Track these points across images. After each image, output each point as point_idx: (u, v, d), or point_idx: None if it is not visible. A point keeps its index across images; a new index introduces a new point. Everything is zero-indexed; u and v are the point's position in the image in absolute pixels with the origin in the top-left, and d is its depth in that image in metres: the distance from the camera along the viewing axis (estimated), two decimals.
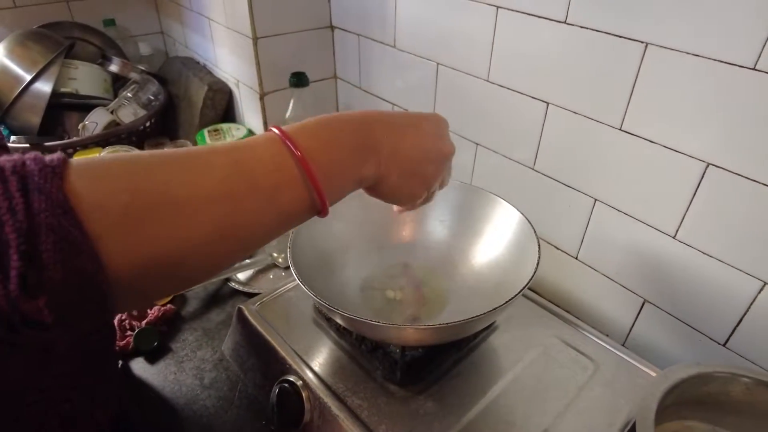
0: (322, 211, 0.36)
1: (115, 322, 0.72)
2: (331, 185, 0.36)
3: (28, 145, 0.93)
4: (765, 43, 0.45)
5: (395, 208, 0.53)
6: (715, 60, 0.48)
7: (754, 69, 0.46)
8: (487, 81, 0.72)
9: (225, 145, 0.33)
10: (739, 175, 0.50)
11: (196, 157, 0.31)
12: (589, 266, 0.70)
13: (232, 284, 0.80)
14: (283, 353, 0.57)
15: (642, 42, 0.53)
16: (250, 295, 0.75)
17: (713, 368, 0.42)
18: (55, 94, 0.99)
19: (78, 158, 0.28)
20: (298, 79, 0.91)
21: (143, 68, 1.18)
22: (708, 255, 0.56)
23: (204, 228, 0.30)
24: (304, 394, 0.53)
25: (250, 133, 1.04)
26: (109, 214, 0.26)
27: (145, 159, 0.30)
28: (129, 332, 0.71)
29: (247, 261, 0.85)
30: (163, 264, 0.29)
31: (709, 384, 0.42)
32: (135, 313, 0.73)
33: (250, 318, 0.62)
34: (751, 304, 0.54)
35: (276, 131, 0.34)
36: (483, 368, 0.57)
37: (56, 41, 1.03)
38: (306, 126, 0.36)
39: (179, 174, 0.30)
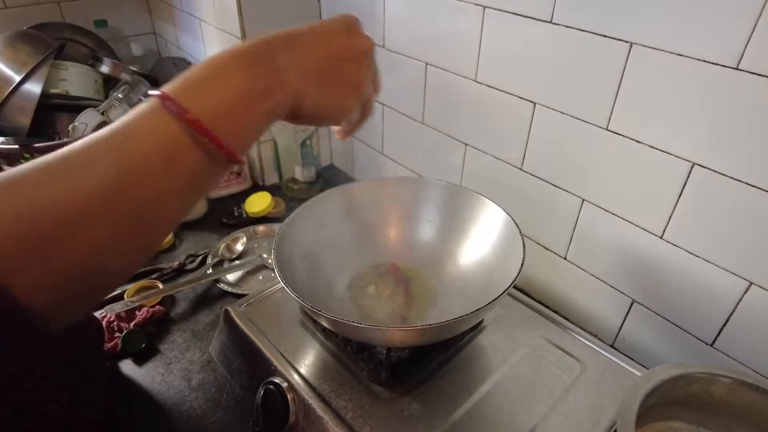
0: (231, 160, 0.33)
1: (104, 323, 0.72)
2: (232, 130, 0.33)
3: (17, 146, 0.92)
4: (747, 44, 0.45)
5: (336, 131, 0.49)
6: (699, 60, 0.48)
7: (737, 69, 0.46)
8: (475, 81, 0.72)
9: (104, 132, 0.30)
10: (724, 175, 0.50)
11: (76, 157, 0.29)
12: (578, 266, 0.70)
13: (222, 285, 0.80)
14: (268, 355, 0.57)
15: (627, 42, 0.53)
16: (239, 297, 0.75)
17: (695, 369, 0.42)
18: (45, 95, 0.98)
19: None
20: None
21: (135, 69, 1.18)
22: (695, 255, 0.56)
23: (107, 229, 0.29)
24: (289, 396, 0.53)
25: None
26: (6, 255, 0.26)
27: (25, 176, 0.28)
28: (117, 334, 0.71)
29: (237, 262, 0.85)
30: (79, 275, 0.28)
31: (691, 385, 0.42)
32: (123, 314, 0.73)
33: (236, 319, 0.62)
34: (738, 303, 0.54)
35: (156, 92, 0.31)
36: (469, 369, 0.56)
37: (46, 42, 1.03)
38: (189, 76, 0.33)
39: (62, 184, 0.28)
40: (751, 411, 0.42)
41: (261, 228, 0.93)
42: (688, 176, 0.53)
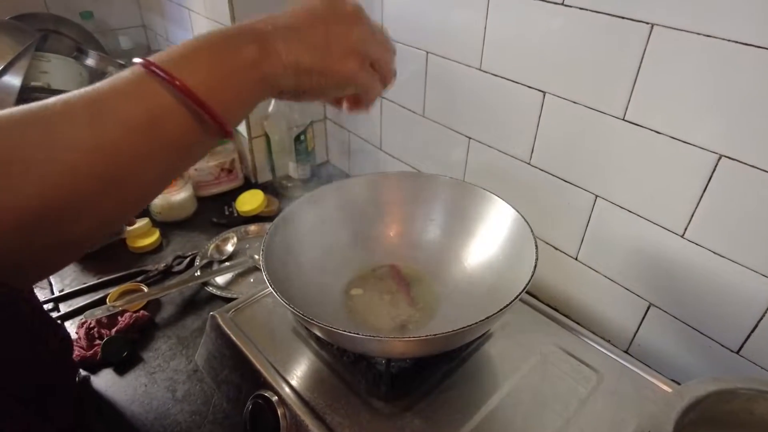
0: (220, 129, 0.33)
1: (82, 331, 0.67)
2: (221, 98, 0.32)
3: None
4: None
5: (346, 105, 0.47)
6: (728, 40, 0.44)
7: None
8: (480, 70, 0.67)
9: (85, 90, 0.30)
10: (755, 167, 0.46)
11: (52, 109, 0.29)
12: (590, 267, 0.65)
13: (210, 289, 0.75)
14: (258, 365, 0.53)
15: (647, 23, 0.49)
16: (229, 300, 0.70)
17: (734, 384, 0.37)
18: (25, 88, 0.94)
19: None
20: None
21: (122, 62, 1.13)
22: (720, 255, 0.52)
23: (83, 184, 0.29)
24: (279, 411, 0.48)
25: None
26: None
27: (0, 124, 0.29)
28: (98, 341, 0.66)
29: (226, 264, 0.80)
30: (48, 224, 0.29)
31: (731, 402, 0.38)
32: (104, 320, 0.68)
33: (223, 326, 0.58)
34: None
35: (139, 60, 0.31)
36: (476, 380, 0.52)
37: (27, 33, 0.98)
38: (173, 49, 0.32)
39: (39, 132, 0.28)
40: None
41: (252, 228, 0.88)
42: (714, 169, 0.49)
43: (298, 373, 0.52)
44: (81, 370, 0.64)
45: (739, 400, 0.37)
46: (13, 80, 0.92)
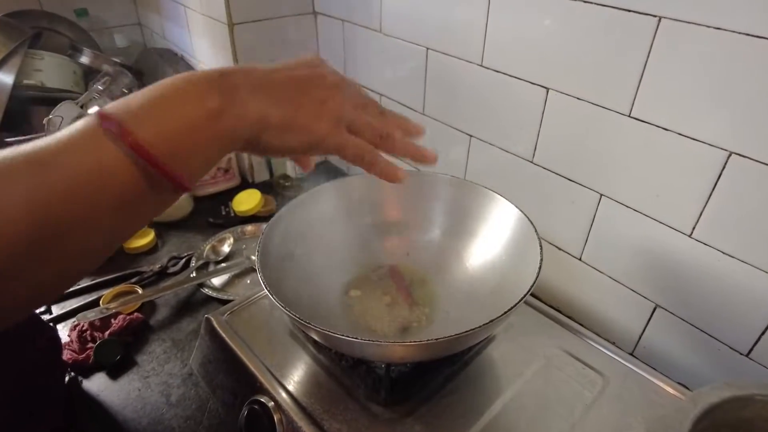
0: (177, 187, 0.30)
1: (75, 334, 0.65)
2: (178, 154, 0.29)
3: None
4: None
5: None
6: (740, 33, 0.42)
7: None
8: (481, 66, 0.66)
9: (29, 146, 0.27)
10: (766, 164, 0.44)
11: None
12: (594, 268, 0.64)
13: (206, 290, 0.73)
14: (253, 369, 0.51)
15: (654, 16, 0.47)
16: (225, 302, 0.69)
17: (750, 390, 0.36)
18: (19, 86, 0.92)
19: None
20: None
21: (117, 60, 1.11)
22: (728, 255, 0.50)
23: (12, 245, 0.25)
24: (275, 417, 0.47)
25: None
26: None
27: None
28: (90, 344, 0.65)
29: (223, 265, 0.79)
30: None
31: (745, 408, 0.36)
32: (97, 323, 0.67)
33: (218, 329, 0.56)
34: None
35: (94, 111, 0.29)
36: (479, 385, 0.50)
37: (20, 30, 0.96)
38: (133, 97, 0.30)
39: None
40: None
41: (249, 228, 0.87)
42: (724, 167, 0.47)
43: (295, 377, 0.51)
44: (71, 372, 0.62)
45: (755, 407, 0.36)
46: (6, 78, 0.90)
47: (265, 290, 0.44)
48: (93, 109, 0.97)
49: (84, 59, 1.05)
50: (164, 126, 0.29)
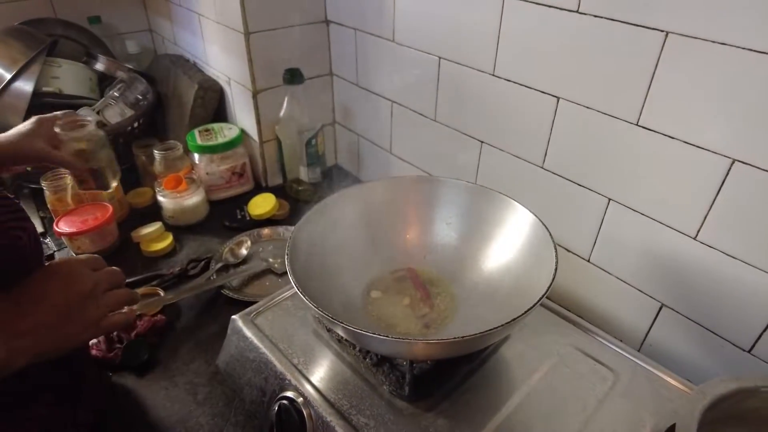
0: None
1: None
2: None
3: None
4: None
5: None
6: (742, 48, 0.45)
7: None
8: (493, 75, 0.68)
9: None
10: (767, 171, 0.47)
11: None
12: (603, 269, 0.66)
13: (226, 292, 0.76)
14: (281, 367, 0.54)
15: (662, 31, 0.50)
16: (245, 304, 0.71)
17: (755, 382, 0.39)
18: (37, 93, 0.94)
19: None
20: (292, 76, 0.87)
21: (131, 67, 1.14)
22: (731, 256, 0.53)
23: None
24: (305, 412, 0.49)
25: (243, 132, 1.00)
26: None
27: None
28: (118, 345, 0.67)
29: (242, 267, 0.81)
30: None
31: (749, 399, 0.39)
32: None
33: (244, 329, 0.59)
34: None
35: None
36: (496, 381, 0.53)
37: (38, 38, 0.98)
38: None
39: None
40: None
41: (265, 231, 0.89)
42: (728, 173, 0.50)
43: (322, 374, 0.53)
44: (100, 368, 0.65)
45: (760, 398, 0.39)
46: (26, 86, 0.93)
47: (297, 290, 0.46)
48: (109, 114, 0.99)
49: (99, 66, 1.08)
50: None
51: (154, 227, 0.87)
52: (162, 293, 0.75)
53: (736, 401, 0.38)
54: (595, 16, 0.55)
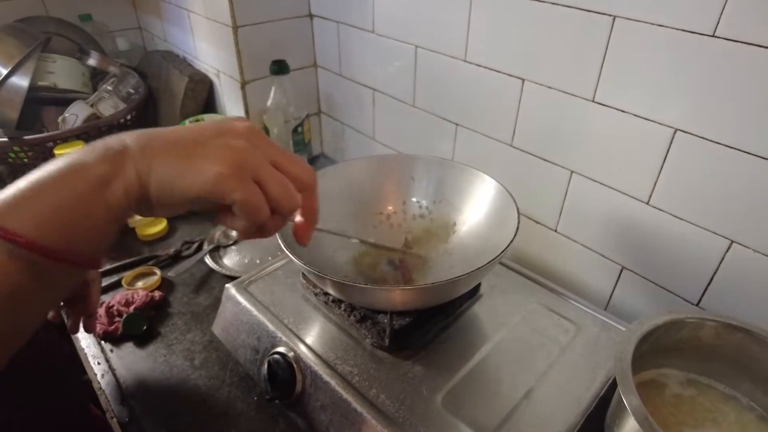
0: (79, 266, 0.30)
1: (102, 309, 0.72)
2: (70, 235, 0.29)
3: (6, 138, 0.91)
4: (721, 12, 0.48)
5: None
6: (678, 29, 0.51)
7: (713, 36, 0.49)
8: (465, 61, 0.74)
9: None
10: (705, 138, 0.53)
11: None
12: (569, 237, 0.72)
13: (220, 269, 0.80)
14: (272, 327, 0.58)
15: (609, 15, 0.56)
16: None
17: (684, 315, 0.44)
18: (32, 88, 0.98)
19: None
20: (279, 67, 0.92)
21: (122, 62, 1.18)
22: (679, 218, 0.59)
23: None
24: (295, 364, 0.54)
25: None
26: None
27: None
28: (117, 318, 0.71)
29: (234, 248, 0.85)
30: None
31: (681, 330, 0.45)
32: (123, 300, 0.73)
33: (238, 296, 0.63)
34: (720, 262, 0.57)
35: None
36: (469, 334, 0.58)
37: (32, 35, 1.02)
38: (15, 185, 0.29)
39: None
40: (738, 353, 0.45)
41: None
42: (671, 142, 0.56)
43: (310, 332, 0.58)
44: (102, 341, 0.68)
45: (688, 329, 0.44)
46: (22, 81, 0.96)
47: (285, 251, 0.51)
48: (103, 107, 1.03)
49: (92, 61, 1.11)
50: (48, 208, 0.29)
51: None
52: (158, 272, 0.79)
53: (669, 332, 0.44)
54: (553, 4, 0.60)
